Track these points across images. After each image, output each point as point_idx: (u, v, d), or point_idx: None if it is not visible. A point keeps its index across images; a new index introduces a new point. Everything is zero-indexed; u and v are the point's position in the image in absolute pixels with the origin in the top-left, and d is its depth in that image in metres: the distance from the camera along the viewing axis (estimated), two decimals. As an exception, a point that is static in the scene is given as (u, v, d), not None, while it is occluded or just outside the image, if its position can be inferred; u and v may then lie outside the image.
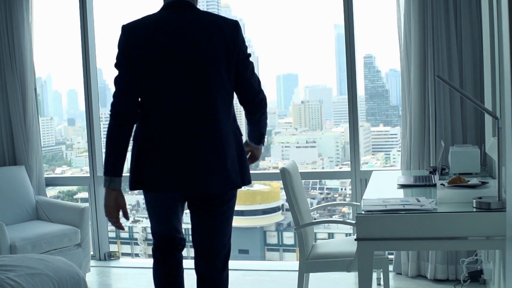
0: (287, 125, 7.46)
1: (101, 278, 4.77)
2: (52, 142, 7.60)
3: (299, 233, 3.39)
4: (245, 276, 4.26)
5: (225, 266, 2.76)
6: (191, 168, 2.53)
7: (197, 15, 2.55)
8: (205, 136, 2.53)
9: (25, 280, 2.57)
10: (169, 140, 2.53)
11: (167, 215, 2.71)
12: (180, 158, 2.52)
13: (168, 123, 2.53)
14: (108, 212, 2.59)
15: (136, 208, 7.78)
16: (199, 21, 2.53)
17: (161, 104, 2.54)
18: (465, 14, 4.07)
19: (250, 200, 7.32)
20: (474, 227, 2.60)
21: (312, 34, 7.07)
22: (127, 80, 2.54)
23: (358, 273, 2.75)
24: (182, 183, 2.54)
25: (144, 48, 2.50)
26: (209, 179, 2.54)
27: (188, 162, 2.53)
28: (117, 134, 2.56)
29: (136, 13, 2.67)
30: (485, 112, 3.12)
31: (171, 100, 2.52)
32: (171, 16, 2.53)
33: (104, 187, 2.59)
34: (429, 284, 4.17)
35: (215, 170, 2.54)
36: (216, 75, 2.53)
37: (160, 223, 2.74)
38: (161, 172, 2.54)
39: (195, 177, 2.54)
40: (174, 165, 2.53)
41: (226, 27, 2.55)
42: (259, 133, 2.78)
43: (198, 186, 2.56)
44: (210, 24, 2.54)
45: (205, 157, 2.53)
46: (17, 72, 4.93)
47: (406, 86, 4.28)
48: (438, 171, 3.37)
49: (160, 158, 2.54)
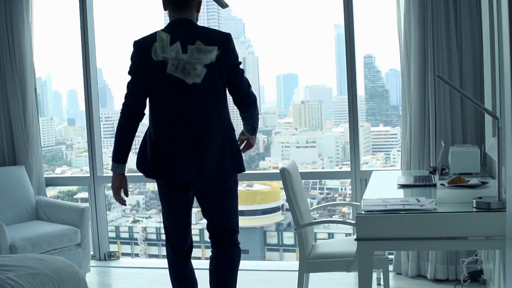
0: (287, 125, 7.47)
1: (101, 278, 4.77)
2: (52, 142, 7.61)
3: (299, 233, 3.39)
4: (245, 276, 4.25)
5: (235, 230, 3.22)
6: (183, 163, 3.01)
7: (195, 31, 3.01)
8: (195, 136, 2.98)
9: (25, 280, 2.57)
10: (167, 139, 3.00)
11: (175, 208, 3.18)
12: (174, 155, 3.00)
13: (165, 123, 3.00)
14: (114, 191, 3.18)
15: (136, 208, 7.79)
16: (196, 36, 2.97)
17: (161, 107, 3.02)
18: (465, 14, 4.07)
19: (250, 200, 7.33)
20: (474, 227, 2.60)
21: (312, 34, 7.07)
22: (136, 86, 3.04)
23: (358, 273, 2.75)
24: (175, 173, 3.04)
25: (149, 62, 2.98)
26: (194, 171, 3.00)
27: (180, 159, 3.00)
28: (124, 130, 3.09)
29: (136, 13, 2.71)
30: (485, 112, 3.12)
31: (169, 104, 2.99)
32: (174, 33, 2.98)
33: (111, 171, 3.16)
34: (429, 284, 4.17)
35: (201, 165, 2.99)
36: (208, 84, 2.96)
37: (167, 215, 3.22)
38: (160, 164, 3.04)
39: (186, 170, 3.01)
40: (169, 160, 3.01)
41: (219, 40, 2.98)
42: (252, 127, 3.23)
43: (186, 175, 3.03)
44: (204, 37, 2.98)
45: (193, 153, 2.99)
46: (17, 72, 4.93)
47: (406, 86, 4.28)
48: (438, 171, 3.37)
49: (159, 153, 3.03)
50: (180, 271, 3.27)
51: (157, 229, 7.68)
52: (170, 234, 3.25)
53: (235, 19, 7.46)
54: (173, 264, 3.27)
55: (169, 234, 3.25)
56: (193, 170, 2.99)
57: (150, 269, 4.94)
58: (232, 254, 3.21)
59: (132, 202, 7.74)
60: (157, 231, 7.70)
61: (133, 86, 3.05)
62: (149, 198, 7.73)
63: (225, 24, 7.34)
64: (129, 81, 3.06)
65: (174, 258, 3.26)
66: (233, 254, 3.21)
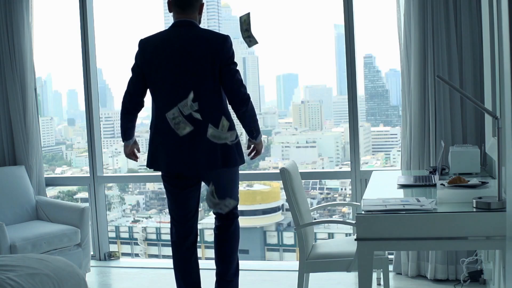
0: (287, 125, 7.47)
1: (101, 278, 4.77)
2: (52, 142, 7.61)
3: (299, 233, 3.39)
4: (245, 276, 4.25)
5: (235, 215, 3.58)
6: (179, 155, 3.30)
7: (196, 32, 3.28)
8: (191, 135, 3.03)
9: (25, 280, 2.57)
10: (165, 133, 3.24)
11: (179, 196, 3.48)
12: (171, 148, 3.30)
13: (163, 120, 3.08)
14: (126, 154, 3.61)
15: (136, 208, 7.79)
16: (195, 37, 3.26)
17: (160, 102, 3.30)
18: (465, 14, 4.07)
19: (250, 200, 7.33)
20: (474, 227, 2.60)
21: (312, 34, 7.08)
22: (134, 84, 3.36)
23: (358, 273, 2.75)
24: (171, 165, 3.36)
25: (151, 60, 3.28)
26: (189, 162, 3.29)
27: (177, 151, 3.29)
28: (124, 118, 3.48)
29: (136, 13, 2.74)
30: (485, 112, 3.12)
31: (167, 99, 3.24)
32: (176, 33, 3.28)
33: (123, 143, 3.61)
34: (429, 284, 4.17)
35: (195, 156, 3.28)
36: (204, 81, 3.23)
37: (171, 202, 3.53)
38: (160, 157, 3.37)
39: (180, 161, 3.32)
40: (167, 153, 3.32)
41: (215, 41, 3.24)
42: (249, 128, 3.40)
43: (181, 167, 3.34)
44: (203, 39, 3.25)
45: (188, 147, 3.26)
46: (17, 72, 4.93)
47: (406, 86, 4.28)
48: (438, 171, 3.37)
49: (160, 146, 3.35)
50: (182, 260, 3.53)
51: (157, 229, 7.68)
52: (174, 222, 3.52)
53: (235, 19, 7.46)
54: (175, 252, 3.54)
55: (173, 221, 3.52)
56: (185, 162, 3.29)
57: (150, 269, 4.94)
58: (233, 229, 3.57)
59: (132, 202, 7.74)
60: (157, 231, 7.70)
61: (131, 84, 3.37)
62: (149, 198, 7.74)
63: (225, 24, 7.34)
64: (130, 78, 3.37)
65: (177, 245, 3.53)
66: (234, 228, 3.57)
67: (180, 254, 3.54)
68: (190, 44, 3.22)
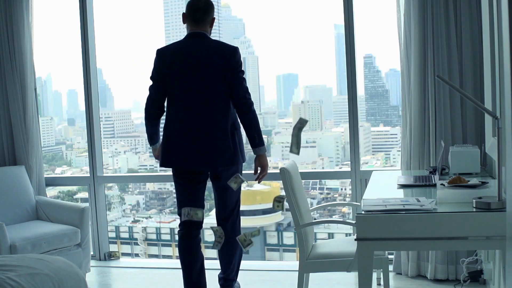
0: (287, 125, 7.46)
1: (101, 278, 4.77)
2: (52, 142, 7.61)
3: (299, 233, 3.40)
4: (245, 276, 4.25)
5: (237, 215, 3.82)
6: (193, 154, 3.56)
7: (208, 43, 3.60)
8: (203, 134, 3.54)
9: (25, 280, 2.57)
10: (180, 135, 3.57)
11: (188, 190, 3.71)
12: (185, 148, 3.56)
13: (180, 120, 3.57)
14: (156, 157, 3.86)
15: (136, 208, 7.79)
16: (209, 47, 3.58)
17: (177, 107, 3.59)
18: (465, 14, 4.07)
19: (250, 200, 7.32)
20: (474, 227, 2.60)
21: (312, 34, 7.07)
22: (156, 90, 3.63)
23: (358, 273, 2.75)
24: (184, 163, 3.61)
25: (169, 68, 3.57)
26: (202, 161, 3.57)
27: (190, 151, 3.55)
28: (148, 124, 3.73)
29: (136, 14, 2.73)
30: (485, 112, 3.12)
31: (183, 105, 3.56)
32: (190, 43, 3.59)
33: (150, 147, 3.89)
34: (429, 284, 4.17)
35: (206, 155, 3.55)
36: (215, 87, 3.53)
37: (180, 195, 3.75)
38: (174, 155, 3.62)
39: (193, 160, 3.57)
40: (185, 152, 3.57)
41: (225, 51, 3.55)
42: (251, 133, 3.62)
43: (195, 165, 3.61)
44: (215, 49, 3.56)
45: (201, 147, 3.54)
46: (17, 72, 4.93)
47: (406, 86, 4.28)
48: (438, 171, 3.37)
49: (174, 146, 3.60)
50: (191, 251, 3.71)
51: (157, 229, 7.68)
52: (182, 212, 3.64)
53: (235, 19, 7.45)
54: (183, 247, 3.72)
55: (181, 211, 3.66)
56: (203, 159, 3.56)
57: (150, 269, 4.94)
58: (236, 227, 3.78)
59: (132, 202, 7.74)
60: (157, 231, 7.69)
61: (152, 91, 3.64)
62: (149, 198, 7.73)
63: (225, 24, 7.33)
64: (150, 86, 3.65)
65: (186, 238, 3.71)
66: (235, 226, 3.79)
67: (189, 247, 3.71)
68: (204, 53, 3.54)
